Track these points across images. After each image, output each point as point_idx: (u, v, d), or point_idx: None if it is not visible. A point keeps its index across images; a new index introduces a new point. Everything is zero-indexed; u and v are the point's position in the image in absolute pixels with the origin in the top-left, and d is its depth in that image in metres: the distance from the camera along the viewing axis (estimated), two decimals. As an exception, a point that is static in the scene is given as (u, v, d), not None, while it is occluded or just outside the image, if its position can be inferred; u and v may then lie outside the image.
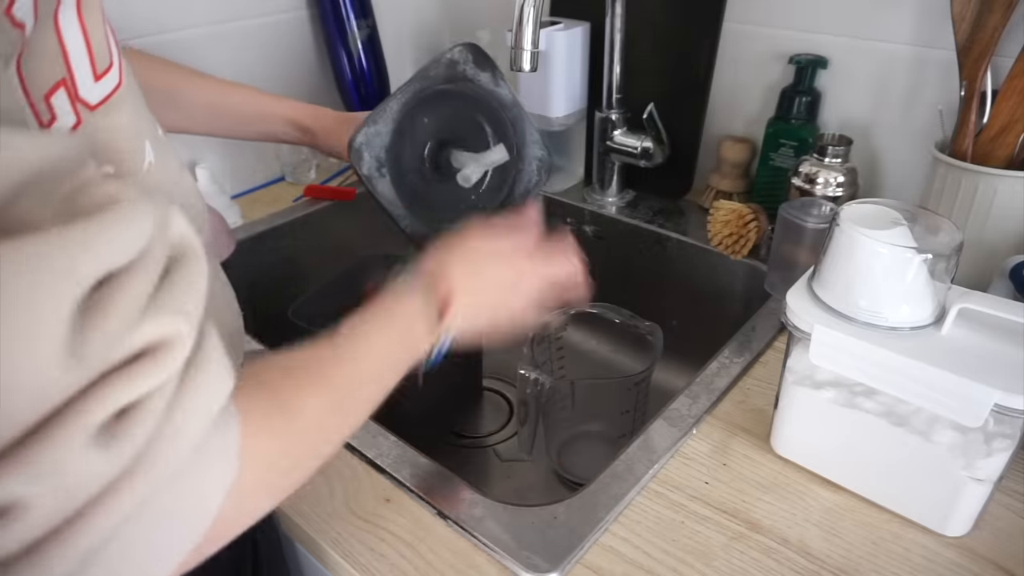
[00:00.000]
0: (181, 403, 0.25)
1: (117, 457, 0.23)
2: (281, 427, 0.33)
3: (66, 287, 0.21)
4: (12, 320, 0.19)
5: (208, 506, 0.28)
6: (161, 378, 0.24)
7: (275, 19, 0.95)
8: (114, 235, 0.22)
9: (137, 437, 0.23)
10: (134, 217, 0.23)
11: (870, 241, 0.44)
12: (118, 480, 0.23)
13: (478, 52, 0.63)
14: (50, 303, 0.20)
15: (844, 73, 0.78)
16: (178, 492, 0.26)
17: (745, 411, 0.59)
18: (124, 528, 0.24)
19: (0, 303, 0.19)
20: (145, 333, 0.23)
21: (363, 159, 0.60)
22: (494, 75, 0.65)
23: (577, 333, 0.74)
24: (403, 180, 0.63)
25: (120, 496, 0.23)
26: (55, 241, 0.21)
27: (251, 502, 0.32)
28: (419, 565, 0.47)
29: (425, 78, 0.62)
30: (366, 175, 0.60)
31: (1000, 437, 0.44)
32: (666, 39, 0.87)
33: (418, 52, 1.13)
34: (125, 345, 0.23)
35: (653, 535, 0.48)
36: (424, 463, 0.54)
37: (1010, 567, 0.46)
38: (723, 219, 0.79)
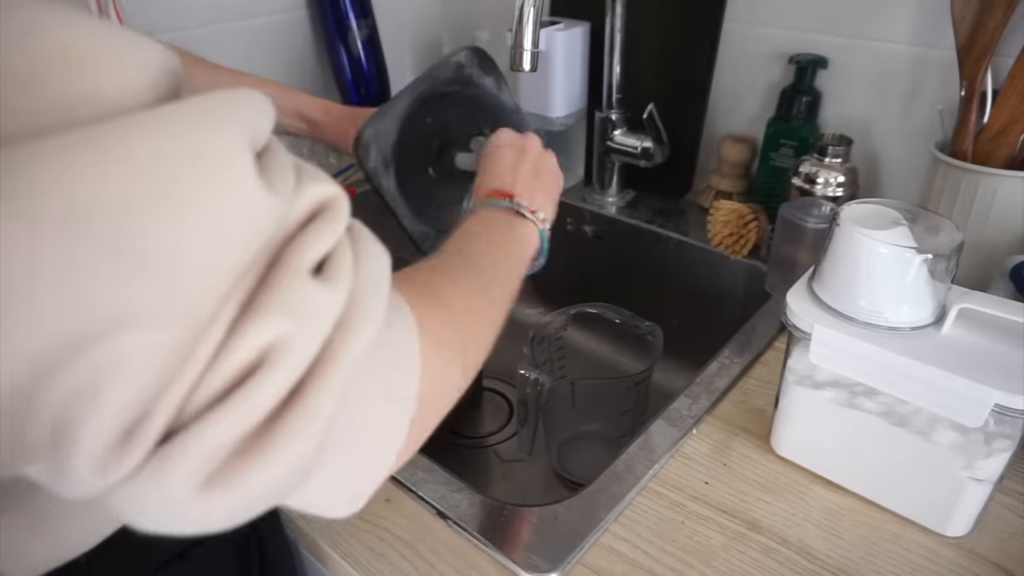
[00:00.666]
0: (361, 256, 0.26)
1: (336, 294, 0.24)
2: (431, 302, 0.34)
3: (241, 129, 0.22)
4: (213, 146, 0.21)
5: (412, 364, 0.29)
6: (339, 232, 0.25)
7: (275, 19, 0.95)
8: (256, 102, 0.23)
9: (343, 281, 0.24)
10: (260, 97, 0.24)
11: (870, 241, 0.44)
12: (345, 318, 0.24)
13: (484, 57, 0.64)
14: (234, 138, 0.21)
15: (844, 73, 0.78)
16: (385, 353, 0.27)
17: (745, 411, 0.59)
18: (358, 381, 0.25)
19: (196, 136, 0.20)
20: (311, 193, 0.24)
21: (370, 154, 0.60)
22: (497, 81, 0.65)
23: (577, 333, 0.74)
24: (406, 178, 0.63)
25: (353, 332, 0.24)
26: (216, 97, 0.22)
27: (446, 374, 0.33)
28: (419, 565, 0.47)
29: (432, 79, 0.62)
30: (372, 169, 0.60)
31: (1000, 437, 0.44)
32: (666, 39, 0.87)
33: (418, 52, 1.13)
34: (300, 201, 0.24)
35: (653, 535, 0.48)
36: (424, 463, 0.54)
37: (1010, 567, 0.46)
38: (723, 219, 0.79)
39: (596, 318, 0.71)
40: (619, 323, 0.70)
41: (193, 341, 0.21)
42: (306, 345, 0.22)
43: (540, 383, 0.63)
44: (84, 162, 0.18)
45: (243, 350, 0.21)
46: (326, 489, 0.27)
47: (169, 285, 0.20)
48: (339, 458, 0.26)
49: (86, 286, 0.18)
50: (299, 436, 0.22)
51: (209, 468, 0.21)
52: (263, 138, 0.23)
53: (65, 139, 0.18)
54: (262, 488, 0.22)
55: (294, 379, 0.22)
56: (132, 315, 0.19)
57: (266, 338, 0.21)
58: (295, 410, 0.22)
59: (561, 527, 0.49)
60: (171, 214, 0.19)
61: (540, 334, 0.70)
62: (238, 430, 0.21)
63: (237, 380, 0.21)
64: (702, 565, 0.46)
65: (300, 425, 0.22)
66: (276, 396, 0.22)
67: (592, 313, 0.71)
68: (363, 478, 0.28)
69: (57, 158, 0.18)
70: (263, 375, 0.21)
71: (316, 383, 0.23)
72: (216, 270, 0.21)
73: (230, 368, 0.21)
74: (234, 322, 0.21)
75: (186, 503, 0.21)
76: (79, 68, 0.19)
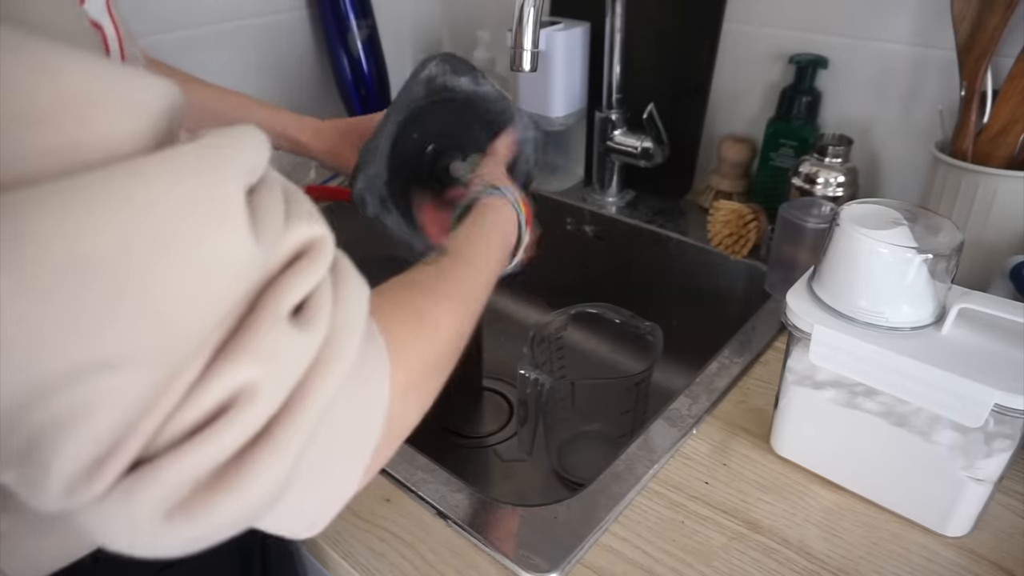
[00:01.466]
0: (341, 293, 0.27)
1: (311, 337, 0.25)
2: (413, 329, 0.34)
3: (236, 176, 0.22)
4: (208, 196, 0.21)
5: (381, 397, 0.30)
6: (320, 274, 0.26)
7: (275, 19, 0.95)
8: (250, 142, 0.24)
9: (320, 323, 0.25)
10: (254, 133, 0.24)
11: (870, 241, 0.44)
12: (318, 360, 0.25)
13: (454, 60, 0.63)
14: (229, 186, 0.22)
15: (844, 73, 0.78)
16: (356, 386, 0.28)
17: (745, 411, 0.59)
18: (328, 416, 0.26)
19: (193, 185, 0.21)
20: (297, 234, 0.25)
21: (367, 204, 0.60)
22: (473, 77, 0.64)
23: (577, 333, 0.74)
24: (408, 205, 0.63)
25: (326, 373, 0.25)
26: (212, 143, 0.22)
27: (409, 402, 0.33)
28: (419, 565, 0.47)
29: (406, 104, 0.61)
30: (373, 217, 0.60)
31: (1000, 437, 0.44)
32: (666, 39, 0.87)
33: (418, 52, 1.13)
34: (285, 244, 0.24)
35: (653, 535, 0.48)
36: (424, 463, 0.54)
37: (1010, 567, 0.46)
38: (723, 219, 0.79)
39: (596, 318, 0.71)
40: (619, 323, 0.70)
41: (170, 378, 0.21)
42: (275, 390, 0.23)
43: (540, 383, 0.63)
44: (86, 210, 0.19)
45: (215, 390, 0.22)
46: (288, 515, 0.28)
47: (157, 329, 0.21)
48: (303, 487, 0.26)
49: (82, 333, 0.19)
50: (266, 473, 0.23)
51: (175, 499, 0.22)
52: (258, 173, 0.24)
53: (67, 184, 0.19)
54: (226, 519, 0.23)
55: (263, 421, 0.23)
56: (121, 357, 0.20)
57: (238, 381, 0.22)
58: (263, 448, 0.23)
59: (561, 527, 0.49)
60: (167, 263, 0.20)
61: (540, 334, 0.70)
62: (204, 466, 0.22)
63: (208, 418, 0.22)
64: (702, 565, 0.46)
65: (268, 463, 0.23)
66: (244, 436, 0.23)
67: (592, 313, 0.71)
68: (325, 504, 0.29)
69: (60, 205, 0.18)
70: (232, 416, 0.22)
71: (286, 423, 0.24)
72: (202, 315, 0.22)
73: (201, 407, 0.22)
74: (210, 362, 0.22)
75: (151, 529, 0.22)
76: (83, 112, 0.20)
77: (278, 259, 0.24)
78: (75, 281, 0.19)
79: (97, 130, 0.20)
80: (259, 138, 0.24)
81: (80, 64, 0.20)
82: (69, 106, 0.20)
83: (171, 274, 0.20)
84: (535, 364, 0.65)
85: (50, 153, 0.19)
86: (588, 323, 0.72)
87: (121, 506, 0.21)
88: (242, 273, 0.23)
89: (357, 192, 0.59)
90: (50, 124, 0.19)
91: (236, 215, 0.22)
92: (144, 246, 0.20)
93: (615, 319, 0.70)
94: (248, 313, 0.23)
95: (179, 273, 0.21)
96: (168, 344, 0.21)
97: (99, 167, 0.20)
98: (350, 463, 0.29)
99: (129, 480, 0.21)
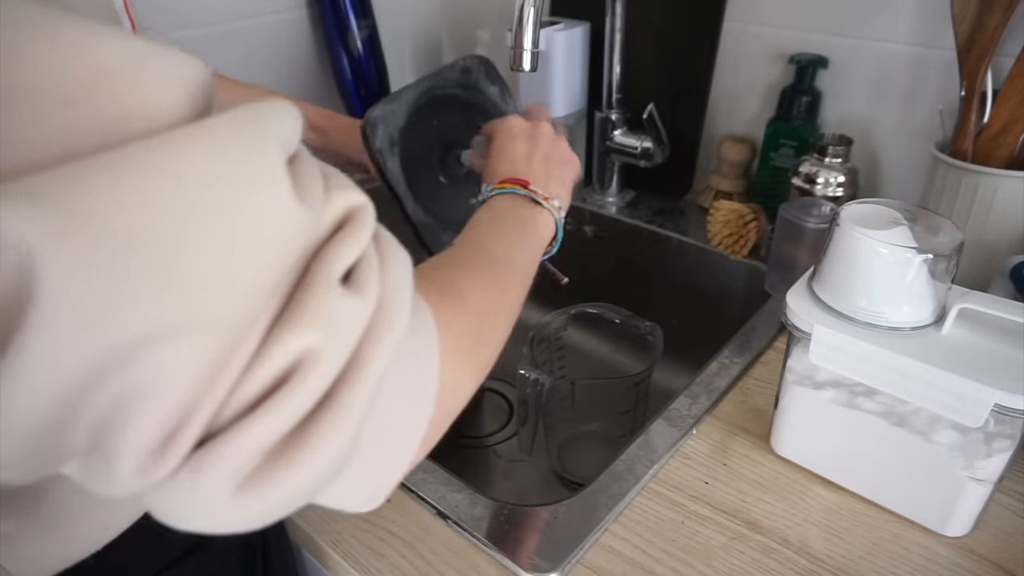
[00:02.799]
0: (386, 262, 0.27)
1: (365, 302, 0.24)
2: (450, 301, 0.34)
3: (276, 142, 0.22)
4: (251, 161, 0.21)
5: (432, 368, 0.30)
6: (365, 241, 0.26)
7: (275, 19, 0.95)
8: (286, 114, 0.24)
9: (370, 289, 0.25)
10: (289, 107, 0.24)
11: (870, 241, 0.44)
12: (373, 325, 0.25)
13: (490, 67, 0.65)
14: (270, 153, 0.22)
15: (844, 73, 0.78)
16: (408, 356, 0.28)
17: (745, 411, 0.59)
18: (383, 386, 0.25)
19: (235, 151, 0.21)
20: (340, 201, 0.25)
21: (377, 132, 0.60)
22: (502, 92, 0.66)
23: (577, 333, 0.74)
24: (411, 167, 0.63)
25: (380, 338, 0.25)
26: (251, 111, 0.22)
27: (460, 373, 0.33)
28: (419, 565, 0.47)
29: (439, 76, 0.63)
30: (378, 148, 0.60)
31: (1000, 437, 0.44)
32: (666, 39, 0.87)
33: (418, 52, 1.13)
34: (329, 210, 0.24)
35: (653, 535, 0.48)
36: (424, 463, 0.54)
37: (1010, 567, 0.46)
38: (723, 219, 0.79)
39: (596, 318, 0.71)
40: (619, 323, 0.70)
41: (231, 349, 0.21)
42: (336, 354, 0.23)
43: (540, 383, 0.63)
44: (131, 181, 0.19)
45: (277, 359, 0.22)
46: (348, 488, 0.28)
47: (213, 298, 0.20)
48: (362, 458, 0.26)
49: (136, 303, 0.19)
50: (331, 441, 0.23)
51: (244, 472, 0.22)
52: (293, 146, 0.24)
53: (111, 158, 0.19)
54: (294, 490, 0.23)
55: (325, 387, 0.23)
56: (177, 327, 0.20)
57: (299, 347, 0.22)
58: (326, 416, 0.23)
59: (561, 527, 0.49)
60: (216, 230, 0.20)
61: (540, 334, 0.70)
62: (271, 436, 0.22)
63: (270, 388, 0.22)
64: (702, 565, 0.46)
65: (332, 430, 0.23)
66: (308, 403, 0.23)
67: (592, 313, 0.71)
68: (383, 477, 0.29)
69: (105, 178, 0.18)
70: (296, 383, 0.22)
71: (346, 389, 0.23)
72: (256, 281, 0.21)
73: (264, 376, 0.22)
74: (268, 331, 0.22)
75: (221, 504, 0.22)
76: (121, 86, 0.20)
77: (324, 226, 0.24)
78: (123, 253, 0.18)
79: (132, 105, 0.20)
80: (293, 111, 0.24)
81: (112, 40, 0.20)
82: (102, 83, 0.19)
83: (217, 241, 0.20)
84: (535, 364, 0.65)
85: (86, 130, 0.19)
86: (588, 323, 0.72)
87: (191, 483, 0.21)
88: (291, 236, 0.23)
89: (373, 117, 0.59)
90: (84, 102, 0.19)
91: (279, 179, 0.22)
92: (190, 214, 0.19)
93: (615, 319, 0.70)
94: (301, 279, 0.23)
95: (225, 240, 0.20)
96: (224, 311, 0.21)
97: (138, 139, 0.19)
98: (406, 434, 0.29)
99: (197, 456, 0.21)
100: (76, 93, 0.19)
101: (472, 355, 0.34)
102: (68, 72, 0.19)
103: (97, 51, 0.19)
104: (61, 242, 0.17)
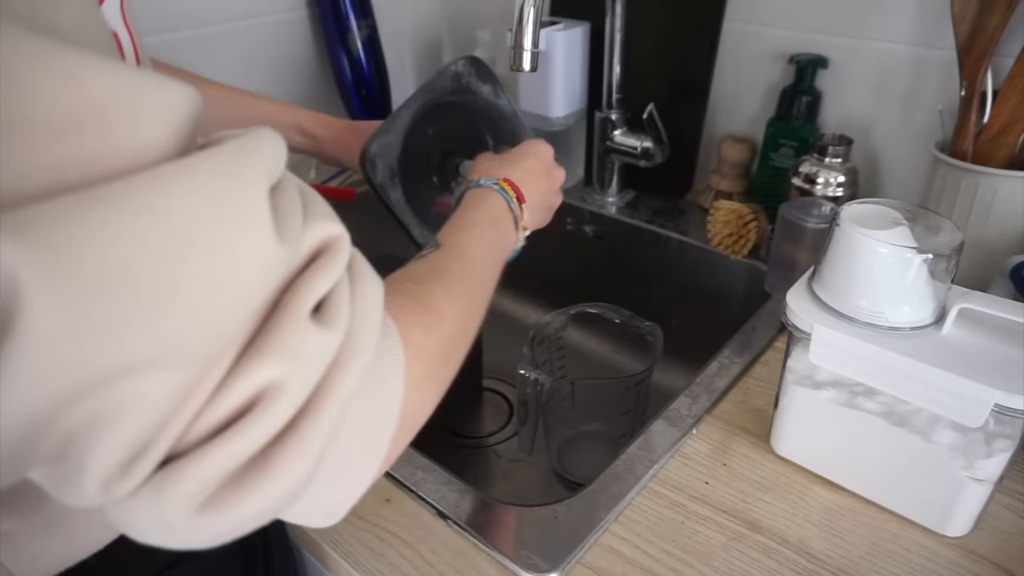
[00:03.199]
0: (358, 289, 0.27)
1: (333, 335, 0.25)
2: (424, 321, 0.35)
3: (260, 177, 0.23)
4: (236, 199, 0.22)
5: (396, 389, 0.30)
6: (339, 272, 0.26)
7: (275, 19, 0.95)
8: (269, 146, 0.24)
9: (340, 320, 0.26)
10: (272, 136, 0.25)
11: (870, 241, 0.44)
12: (338, 357, 0.25)
13: (480, 65, 0.65)
14: (253, 189, 0.22)
15: (844, 73, 0.78)
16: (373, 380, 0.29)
17: (745, 411, 0.59)
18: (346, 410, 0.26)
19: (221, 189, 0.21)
20: (316, 233, 0.25)
21: (377, 168, 0.60)
22: (495, 88, 0.66)
23: (577, 333, 0.74)
24: (411, 187, 0.63)
25: (347, 368, 0.26)
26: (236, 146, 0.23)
27: (424, 393, 0.33)
28: (419, 565, 0.47)
29: (432, 90, 0.62)
30: (380, 184, 0.61)
31: (1000, 437, 0.44)
32: (666, 39, 0.87)
33: (418, 52, 1.13)
34: (305, 243, 0.25)
35: (653, 535, 0.48)
36: (424, 463, 0.54)
37: (1010, 567, 0.46)
38: (723, 219, 0.79)
39: (596, 318, 0.71)
40: (619, 323, 0.70)
41: (200, 377, 0.22)
42: (301, 387, 0.24)
43: (540, 383, 0.63)
44: (117, 219, 0.19)
45: (242, 388, 0.22)
46: (310, 506, 0.28)
47: (188, 332, 0.21)
48: (323, 480, 0.27)
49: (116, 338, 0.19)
50: (291, 468, 0.24)
51: (204, 494, 0.23)
52: (277, 174, 0.24)
53: (100, 193, 0.19)
54: (253, 512, 0.23)
55: (288, 416, 0.24)
56: (153, 360, 0.20)
57: (263, 379, 0.23)
58: (288, 444, 0.24)
59: (561, 527, 0.49)
60: (196, 268, 0.20)
61: (540, 334, 0.70)
62: (233, 461, 0.23)
63: (234, 415, 0.23)
64: (702, 565, 0.46)
65: (293, 458, 0.24)
66: (270, 433, 0.23)
67: (592, 313, 0.71)
68: (344, 495, 0.30)
69: (94, 214, 0.19)
70: (259, 413, 0.23)
71: (309, 419, 0.24)
72: (231, 315, 0.22)
73: (228, 404, 0.22)
74: (237, 359, 0.23)
75: (181, 523, 0.22)
76: (112, 118, 0.20)
77: (299, 258, 0.25)
78: (106, 290, 0.19)
79: (120, 139, 0.20)
80: (276, 140, 0.25)
81: (106, 72, 0.20)
82: (93, 115, 0.20)
83: (200, 279, 0.21)
84: (535, 364, 0.65)
85: (75, 163, 0.19)
86: (588, 323, 0.72)
87: (152, 502, 0.22)
88: (268, 273, 0.23)
89: (371, 154, 0.60)
90: (73, 134, 0.19)
91: (261, 217, 0.22)
92: (172, 252, 0.20)
93: (615, 319, 0.70)
94: (272, 312, 0.24)
95: (208, 277, 0.21)
96: (198, 346, 0.21)
97: (124, 175, 0.20)
98: (368, 455, 0.30)
99: (159, 476, 0.22)
100: (66, 125, 0.19)
101: (437, 373, 0.35)
102: (59, 104, 0.19)
103: (91, 83, 0.20)
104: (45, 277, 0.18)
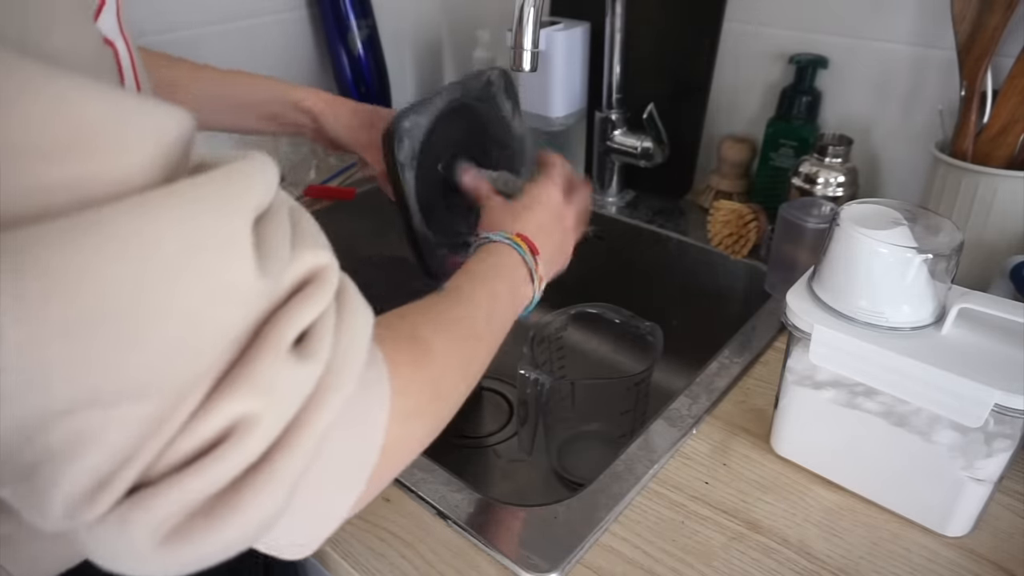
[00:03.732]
0: (344, 319, 0.27)
1: (312, 368, 0.25)
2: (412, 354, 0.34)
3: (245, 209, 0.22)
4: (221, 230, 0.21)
5: (379, 422, 0.30)
6: (324, 302, 0.26)
7: (275, 19, 0.95)
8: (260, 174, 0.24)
9: (321, 352, 0.25)
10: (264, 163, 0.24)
11: (870, 241, 0.44)
12: (317, 390, 0.25)
13: (510, 83, 0.65)
14: (238, 220, 0.22)
15: (844, 73, 0.78)
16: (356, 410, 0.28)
17: (745, 411, 0.59)
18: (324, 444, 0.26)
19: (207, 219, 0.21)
20: (302, 263, 0.25)
21: (404, 145, 0.59)
22: (515, 108, 0.67)
23: (577, 333, 0.74)
24: (420, 175, 0.63)
25: (325, 401, 0.25)
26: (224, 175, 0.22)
27: (410, 426, 0.33)
28: (419, 565, 0.47)
29: (464, 87, 0.63)
30: (401, 162, 0.59)
31: (1000, 437, 0.44)
32: (666, 39, 0.87)
33: (418, 52, 1.13)
34: (290, 273, 0.25)
35: (653, 535, 0.48)
36: (424, 463, 0.54)
37: (1010, 567, 0.46)
38: (723, 219, 0.79)
39: (596, 318, 0.71)
40: (619, 323, 0.70)
41: (173, 407, 0.22)
42: (275, 422, 0.24)
43: (540, 383, 0.63)
44: (94, 248, 0.19)
45: (214, 420, 0.22)
46: (281, 537, 0.28)
47: (162, 364, 0.21)
48: (296, 510, 0.26)
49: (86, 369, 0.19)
50: (261, 503, 0.23)
51: (170, 524, 0.22)
52: (266, 202, 0.24)
53: (76, 221, 0.19)
54: (221, 544, 0.23)
55: (260, 450, 0.23)
56: (128, 391, 0.20)
57: (236, 412, 0.22)
58: (259, 478, 0.23)
59: (561, 527, 0.49)
60: (173, 301, 0.20)
61: (540, 334, 0.70)
62: (202, 493, 0.22)
63: (205, 447, 0.22)
64: (702, 565, 0.46)
65: (263, 493, 0.23)
66: (240, 467, 0.23)
67: (592, 313, 0.71)
68: (317, 528, 0.29)
69: (68, 242, 0.18)
70: (230, 446, 0.22)
71: (282, 454, 0.24)
72: (209, 347, 0.22)
73: (200, 436, 0.22)
74: (210, 392, 0.22)
75: (146, 552, 0.22)
76: (101, 142, 0.20)
77: (283, 288, 0.24)
78: (82, 320, 0.19)
79: (108, 164, 0.20)
80: (268, 167, 0.24)
81: (96, 96, 0.20)
82: (81, 140, 0.19)
83: (177, 312, 0.20)
84: (535, 364, 0.65)
85: (63, 187, 0.19)
86: (588, 323, 0.72)
87: (118, 529, 0.22)
88: (247, 308, 0.23)
89: (401, 129, 0.58)
90: (61, 159, 0.19)
91: (243, 251, 0.22)
92: (151, 284, 0.20)
93: (615, 319, 0.70)
94: (251, 343, 0.23)
95: (185, 311, 0.21)
96: (171, 378, 0.21)
97: (109, 202, 0.19)
98: (343, 489, 0.29)
99: (126, 505, 0.22)
100: (55, 149, 0.19)
101: (429, 408, 0.34)
102: (49, 128, 0.19)
103: (81, 107, 0.19)
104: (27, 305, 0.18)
